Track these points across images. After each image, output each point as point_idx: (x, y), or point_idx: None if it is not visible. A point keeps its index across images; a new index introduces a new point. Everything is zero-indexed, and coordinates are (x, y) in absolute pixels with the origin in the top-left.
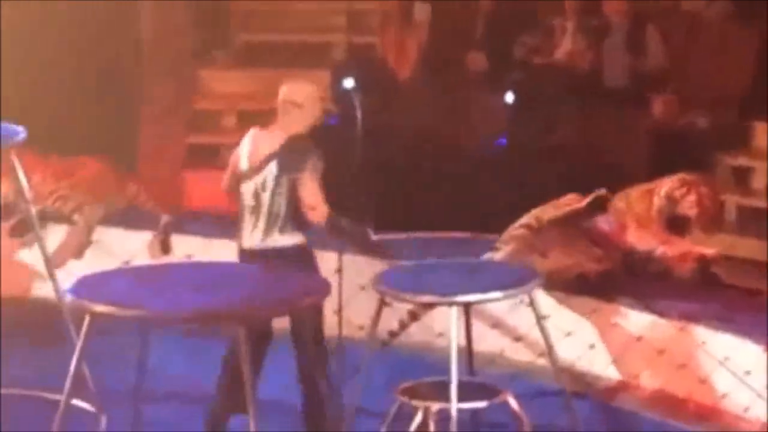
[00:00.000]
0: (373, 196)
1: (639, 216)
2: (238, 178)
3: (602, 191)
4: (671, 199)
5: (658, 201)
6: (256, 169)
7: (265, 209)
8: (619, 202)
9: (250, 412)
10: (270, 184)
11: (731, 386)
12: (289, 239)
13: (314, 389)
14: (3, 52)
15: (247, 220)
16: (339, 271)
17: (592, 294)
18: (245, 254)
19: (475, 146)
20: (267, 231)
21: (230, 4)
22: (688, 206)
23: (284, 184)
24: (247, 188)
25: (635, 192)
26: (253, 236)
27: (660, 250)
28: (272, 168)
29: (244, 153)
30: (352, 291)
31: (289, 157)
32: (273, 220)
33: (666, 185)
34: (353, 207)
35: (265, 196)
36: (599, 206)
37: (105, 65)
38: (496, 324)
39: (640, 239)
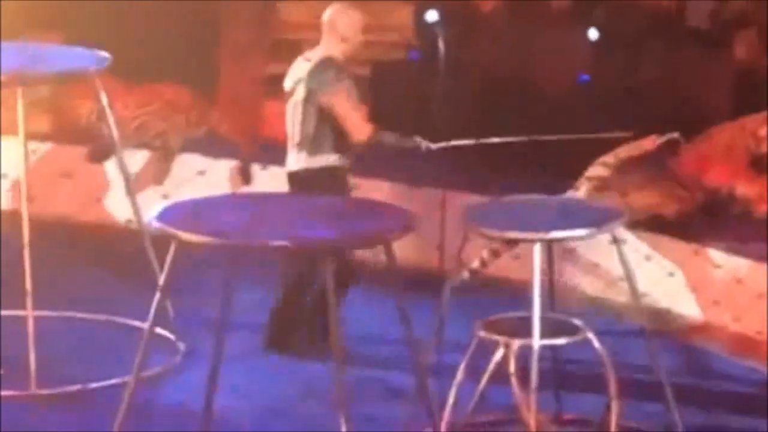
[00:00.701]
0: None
1: (722, 154)
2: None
3: (674, 135)
4: (756, 138)
5: (741, 138)
6: (290, 92)
7: (296, 131)
8: (702, 140)
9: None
10: (299, 107)
11: None
12: (320, 161)
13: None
14: None
15: (289, 144)
16: (443, 205)
17: (674, 234)
18: (288, 177)
19: (558, 83)
20: (299, 153)
21: None
22: None
23: (313, 106)
24: (287, 112)
25: (719, 131)
26: (290, 159)
27: (741, 189)
28: (300, 91)
29: (287, 78)
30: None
31: (317, 79)
32: (303, 142)
33: (750, 123)
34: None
35: (296, 119)
36: (672, 149)
37: None
38: (594, 265)
39: (722, 176)
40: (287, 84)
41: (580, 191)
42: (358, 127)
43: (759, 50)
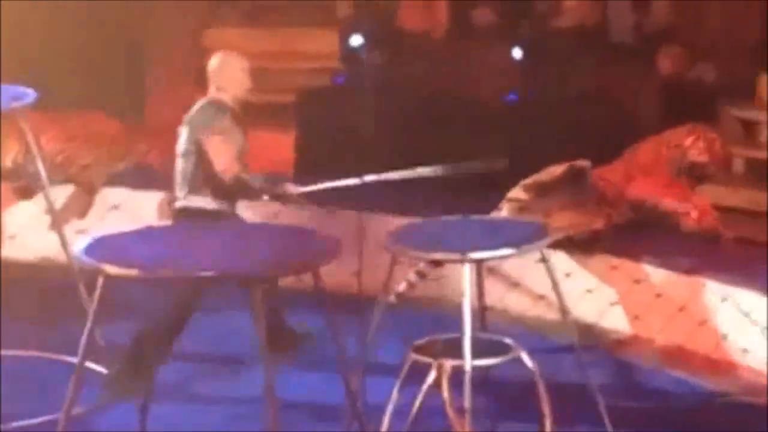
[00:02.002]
0: (379, 155)
1: (645, 166)
2: None
3: (581, 162)
4: (680, 148)
5: (666, 151)
6: (179, 133)
7: (178, 171)
8: (628, 156)
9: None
10: (181, 147)
11: (753, 342)
12: (196, 201)
13: None
14: (16, 15)
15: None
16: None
17: (602, 251)
18: (173, 214)
19: (485, 101)
20: (179, 191)
21: None
22: (698, 153)
23: (191, 145)
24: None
25: (643, 145)
26: (177, 196)
27: (667, 202)
28: (184, 131)
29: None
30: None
31: (197, 119)
32: (183, 181)
33: (674, 135)
34: (363, 163)
35: (179, 159)
36: (579, 175)
37: (114, 24)
38: (514, 284)
39: (646, 190)
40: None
41: (503, 212)
42: (224, 164)
43: (683, 64)
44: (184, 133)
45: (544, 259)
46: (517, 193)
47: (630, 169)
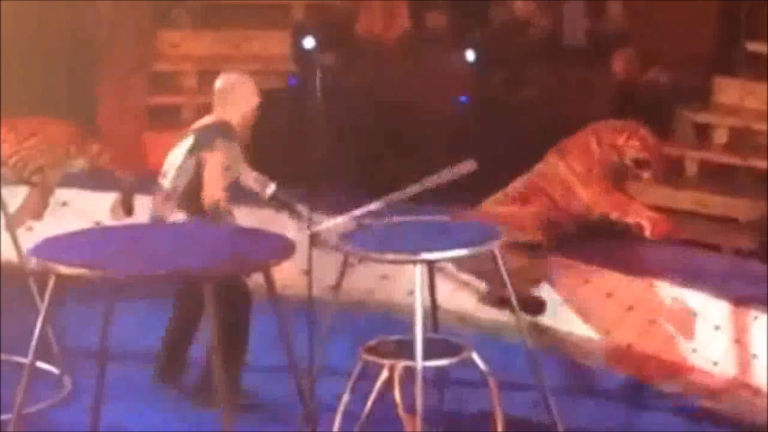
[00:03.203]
0: (332, 158)
1: (582, 176)
2: None
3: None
4: (615, 148)
5: (599, 151)
6: (175, 146)
7: (170, 179)
8: (556, 162)
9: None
10: (177, 161)
11: (700, 342)
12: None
13: None
14: None
15: (159, 188)
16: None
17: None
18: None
19: (437, 105)
20: (166, 202)
21: None
22: (636, 151)
23: (192, 158)
24: (167, 160)
25: (568, 149)
26: (155, 202)
27: (615, 215)
28: (187, 142)
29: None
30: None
31: (206, 138)
32: (172, 193)
33: (604, 135)
34: (316, 166)
35: (172, 172)
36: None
37: (65, 26)
38: (464, 283)
39: (592, 203)
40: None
41: None
42: (214, 191)
43: (636, 67)
44: (184, 148)
45: (495, 259)
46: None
47: (564, 179)
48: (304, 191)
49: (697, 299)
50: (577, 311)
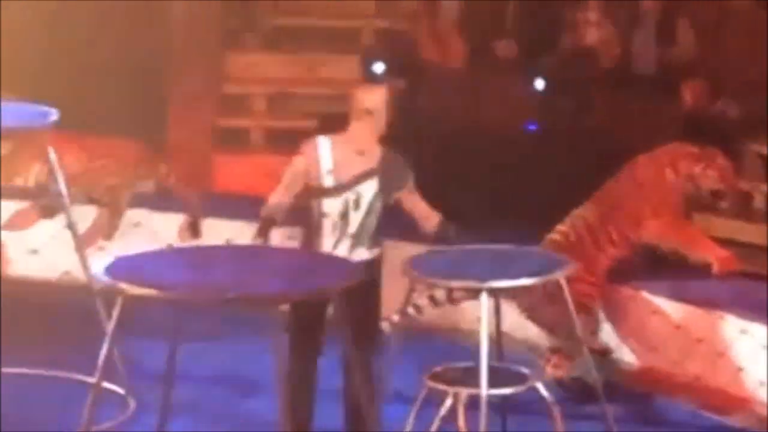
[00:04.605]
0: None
1: (655, 206)
2: (316, 193)
3: None
4: (691, 179)
5: (674, 179)
6: (346, 186)
7: (354, 228)
8: (629, 190)
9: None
10: (364, 204)
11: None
12: (373, 252)
13: None
14: (39, 35)
15: (328, 235)
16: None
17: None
18: None
19: (504, 131)
20: (353, 247)
21: None
22: (713, 182)
23: (379, 203)
24: (332, 205)
25: (642, 177)
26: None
27: (683, 250)
28: (369, 188)
29: (324, 167)
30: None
31: (389, 176)
32: (362, 237)
33: (680, 164)
34: None
35: (357, 215)
36: None
37: (138, 47)
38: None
39: (661, 236)
40: (337, 176)
41: None
42: (431, 218)
43: (706, 98)
44: (369, 190)
45: (561, 288)
46: (552, 235)
47: (635, 208)
48: None
49: (764, 333)
50: (643, 343)
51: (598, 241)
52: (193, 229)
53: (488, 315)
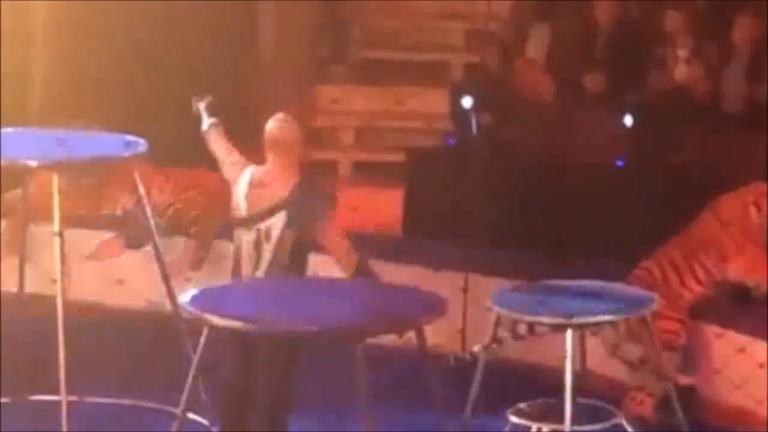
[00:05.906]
0: (487, 217)
1: (740, 243)
2: (235, 222)
3: None
4: None
5: (758, 219)
6: (260, 217)
7: (266, 260)
8: (715, 228)
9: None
10: (274, 236)
11: None
12: None
13: None
14: (128, 67)
15: (244, 267)
16: (464, 290)
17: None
18: None
19: (592, 166)
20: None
21: (350, 20)
22: None
23: (292, 235)
24: (246, 237)
25: (727, 215)
26: None
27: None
28: (280, 219)
29: (240, 195)
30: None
31: (301, 206)
32: (275, 270)
33: (764, 202)
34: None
35: (269, 247)
36: None
37: (225, 81)
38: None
39: (747, 272)
40: (251, 205)
41: None
42: (347, 257)
43: None
44: (280, 222)
45: (645, 323)
46: (637, 270)
47: (721, 245)
48: (458, 249)
49: None
50: (730, 380)
51: (682, 277)
52: None
53: (572, 351)
